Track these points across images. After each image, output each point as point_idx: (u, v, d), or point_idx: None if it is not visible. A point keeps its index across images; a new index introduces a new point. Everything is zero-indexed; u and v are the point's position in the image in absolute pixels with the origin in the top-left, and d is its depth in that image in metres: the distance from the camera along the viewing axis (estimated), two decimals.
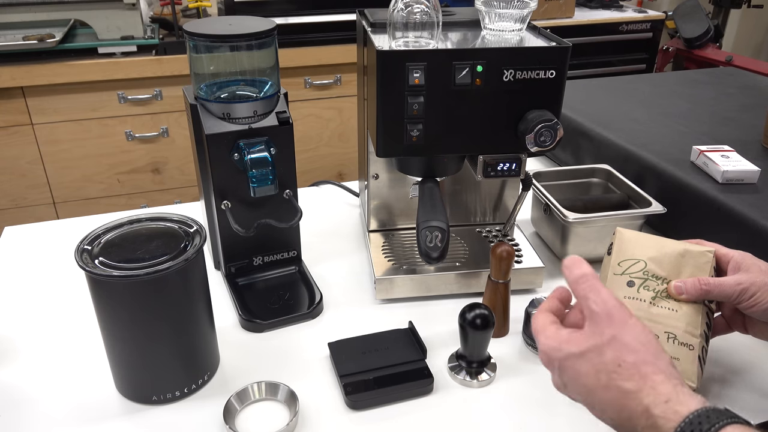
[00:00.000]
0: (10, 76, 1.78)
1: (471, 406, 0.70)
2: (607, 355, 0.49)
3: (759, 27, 3.75)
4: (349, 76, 2.13)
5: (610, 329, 0.50)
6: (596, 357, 0.50)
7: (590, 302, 0.52)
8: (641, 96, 1.37)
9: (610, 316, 0.50)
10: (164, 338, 0.66)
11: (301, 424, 0.67)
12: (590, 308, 0.52)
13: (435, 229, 0.75)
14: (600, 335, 0.50)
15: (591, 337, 0.51)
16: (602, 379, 0.49)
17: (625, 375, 0.48)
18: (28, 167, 1.94)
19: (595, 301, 0.51)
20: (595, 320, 0.51)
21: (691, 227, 0.93)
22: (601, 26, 2.56)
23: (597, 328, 0.51)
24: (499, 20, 0.79)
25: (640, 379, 0.48)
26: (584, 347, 0.50)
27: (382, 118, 0.76)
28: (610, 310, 0.51)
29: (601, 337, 0.50)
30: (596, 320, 0.51)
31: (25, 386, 0.72)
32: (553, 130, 0.75)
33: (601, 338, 0.50)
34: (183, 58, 1.87)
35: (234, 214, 0.81)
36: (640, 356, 0.48)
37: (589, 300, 0.52)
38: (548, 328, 0.54)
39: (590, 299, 0.52)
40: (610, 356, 0.49)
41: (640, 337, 0.50)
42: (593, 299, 0.52)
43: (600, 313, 0.51)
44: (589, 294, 0.52)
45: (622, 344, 0.49)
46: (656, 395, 0.46)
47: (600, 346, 0.50)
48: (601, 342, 0.50)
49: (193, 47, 0.79)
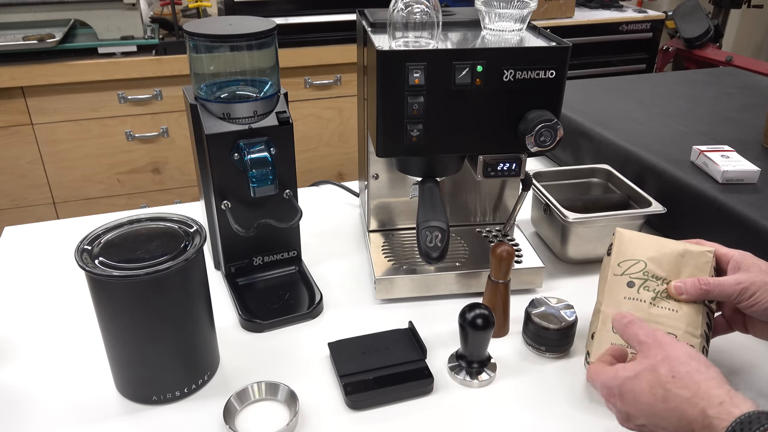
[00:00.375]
0: (10, 76, 1.78)
1: (471, 406, 0.70)
2: (661, 370, 0.53)
3: (759, 27, 3.75)
4: (349, 76, 2.13)
5: (661, 351, 0.55)
6: (650, 374, 0.54)
7: (640, 336, 0.58)
8: (641, 96, 1.37)
9: (659, 342, 0.56)
10: (164, 338, 0.66)
11: (301, 424, 0.67)
12: (640, 341, 0.57)
13: (435, 229, 0.75)
14: (652, 357, 0.55)
15: (643, 360, 0.56)
16: (659, 393, 0.53)
17: (679, 384, 0.52)
18: (28, 167, 1.94)
19: (645, 334, 0.57)
20: (644, 349, 0.57)
21: (691, 227, 0.93)
22: (601, 26, 2.56)
23: (648, 353, 0.56)
24: (499, 20, 0.79)
25: (693, 386, 0.51)
26: (638, 369, 0.55)
27: (382, 118, 0.76)
28: (658, 337, 0.57)
29: (654, 359, 0.55)
30: (646, 348, 0.56)
31: (25, 386, 0.72)
32: (553, 130, 0.75)
33: (653, 359, 0.55)
34: (183, 58, 1.87)
35: (234, 214, 0.81)
36: (692, 366, 0.53)
37: (639, 335, 0.58)
38: (604, 368, 0.59)
39: (639, 335, 0.58)
40: (664, 371, 0.53)
41: (689, 351, 0.55)
42: (642, 333, 0.58)
43: (649, 341, 0.57)
44: (638, 331, 0.58)
45: (674, 359, 0.54)
46: (710, 398, 0.50)
47: (653, 365, 0.54)
48: (654, 362, 0.54)
49: (193, 47, 0.79)
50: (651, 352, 0.56)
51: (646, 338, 0.57)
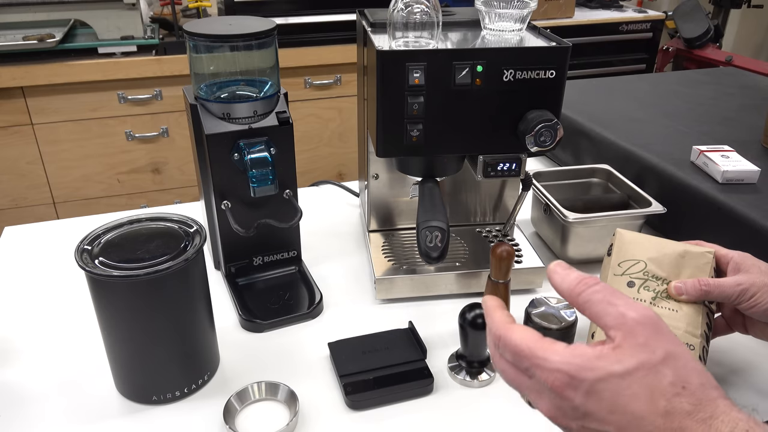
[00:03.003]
0: (10, 76, 1.78)
1: (471, 406, 0.70)
2: (666, 375, 0.39)
3: (759, 27, 3.75)
4: (349, 76, 2.13)
5: (662, 344, 0.40)
6: (650, 377, 0.39)
7: (619, 308, 0.41)
8: (641, 96, 1.37)
9: (657, 328, 0.41)
10: (164, 338, 0.66)
11: (301, 424, 0.67)
12: (623, 314, 0.41)
13: (435, 229, 0.75)
14: (650, 351, 0.40)
15: (637, 352, 0.40)
16: (660, 405, 0.39)
17: (692, 400, 0.39)
18: (28, 167, 1.94)
19: (629, 307, 0.41)
20: (633, 332, 0.41)
21: (691, 227, 0.93)
22: (601, 26, 2.56)
23: (641, 341, 0.40)
24: (499, 20, 0.79)
25: (710, 404, 0.39)
26: (631, 365, 0.40)
27: (382, 118, 0.76)
28: (655, 321, 0.41)
29: (653, 354, 0.40)
30: (636, 332, 0.41)
31: (25, 386, 0.72)
32: (553, 130, 0.75)
33: (652, 354, 0.40)
34: (183, 58, 1.88)
35: (234, 214, 0.81)
36: (704, 377, 0.40)
37: (617, 306, 0.42)
38: (545, 342, 0.43)
39: (618, 305, 0.42)
40: (670, 377, 0.39)
41: (687, 349, 0.42)
42: (622, 304, 0.42)
43: (640, 321, 0.41)
44: (613, 299, 0.42)
45: (682, 363, 0.40)
46: (733, 422, 0.38)
47: (654, 365, 0.39)
48: (654, 359, 0.40)
49: (193, 47, 0.79)
50: (645, 339, 0.40)
51: (633, 313, 0.41)
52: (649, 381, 0.39)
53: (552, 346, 0.42)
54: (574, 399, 0.40)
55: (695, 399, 0.39)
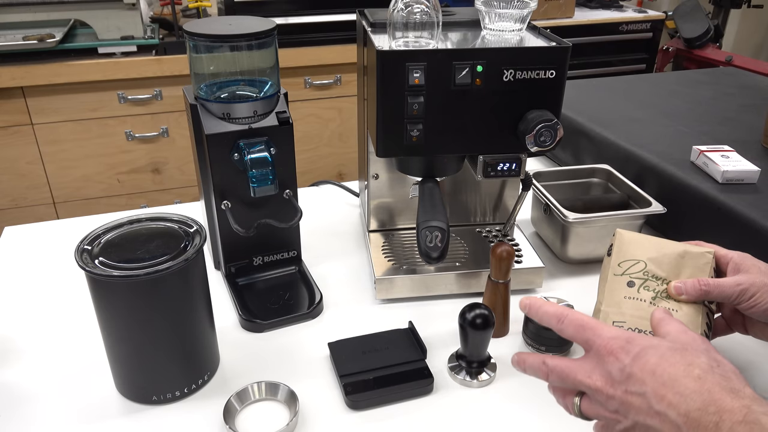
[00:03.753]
0: (10, 76, 1.78)
1: (471, 406, 0.70)
2: (704, 357, 0.48)
3: (759, 27, 3.75)
4: (349, 76, 2.13)
5: (706, 344, 0.50)
6: (690, 355, 0.48)
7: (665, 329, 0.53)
8: (641, 96, 1.37)
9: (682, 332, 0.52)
10: (164, 338, 0.66)
11: (301, 424, 0.67)
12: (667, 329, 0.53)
13: (435, 229, 0.75)
14: (693, 340, 0.50)
15: (684, 338, 0.51)
16: (694, 372, 0.46)
17: (723, 374, 0.46)
18: (28, 167, 1.94)
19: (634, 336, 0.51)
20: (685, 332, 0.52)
21: (691, 227, 0.93)
22: (601, 26, 2.56)
23: (688, 337, 0.51)
24: (499, 20, 0.79)
25: (739, 382, 0.46)
26: (678, 345, 0.49)
27: (382, 118, 0.76)
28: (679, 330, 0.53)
29: (695, 342, 0.50)
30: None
31: (25, 386, 0.72)
32: (553, 130, 0.75)
33: (695, 342, 0.50)
34: (183, 58, 1.87)
35: (234, 214, 0.81)
36: (736, 371, 0.47)
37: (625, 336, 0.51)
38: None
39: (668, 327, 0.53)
40: (707, 359, 0.48)
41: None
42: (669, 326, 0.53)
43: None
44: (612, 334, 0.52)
45: (720, 356, 0.49)
46: (754, 395, 0.45)
47: (696, 348, 0.49)
48: (696, 345, 0.49)
49: (193, 47, 0.79)
50: (690, 337, 0.51)
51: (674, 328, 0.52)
52: (689, 356, 0.48)
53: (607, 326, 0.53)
54: (624, 360, 0.48)
55: (726, 375, 0.46)
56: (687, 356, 0.48)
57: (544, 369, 0.54)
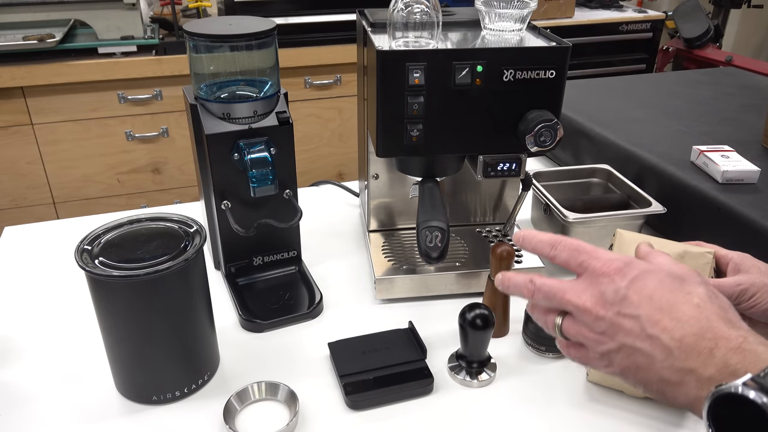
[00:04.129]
0: (10, 76, 1.78)
1: (471, 406, 0.70)
2: (703, 288, 0.47)
3: (759, 27, 3.75)
4: (349, 76, 2.13)
5: (709, 284, 0.49)
6: (691, 285, 0.47)
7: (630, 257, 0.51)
8: (641, 96, 1.37)
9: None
10: (164, 338, 0.66)
11: (301, 424, 0.67)
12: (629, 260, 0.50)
13: (435, 229, 0.75)
14: (696, 275, 0.49)
15: (686, 269, 0.49)
16: (694, 300, 0.46)
17: (722, 306, 0.46)
18: (28, 167, 1.94)
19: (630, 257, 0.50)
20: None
21: (691, 227, 0.93)
22: (601, 26, 2.56)
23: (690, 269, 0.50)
24: (499, 20, 0.79)
25: (735, 315, 0.46)
26: (679, 273, 0.48)
27: (382, 118, 0.76)
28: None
29: (697, 276, 0.49)
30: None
31: (25, 386, 0.72)
32: (553, 130, 0.75)
33: (697, 276, 0.49)
34: (183, 58, 1.87)
35: (234, 214, 0.81)
36: (734, 309, 0.47)
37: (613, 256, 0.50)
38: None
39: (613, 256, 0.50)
40: (706, 290, 0.47)
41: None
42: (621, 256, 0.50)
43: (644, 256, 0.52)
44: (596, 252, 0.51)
45: (705, 282, 0.48)
46: (748, 330, 0.44)
47: (697, 279, 0.48)
48: (696, 278, 0.48)
49: (193, 47, 0.79)
50: (694, 271, 0.49)
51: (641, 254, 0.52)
52: (687, 286, 0.47)
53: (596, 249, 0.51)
54: (620, 282, 0.47)
55: (723, 307, 0.46)
56: (685, 285, 0.47)
57: (531, 287, 0.53)
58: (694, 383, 0.44)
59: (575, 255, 0.51)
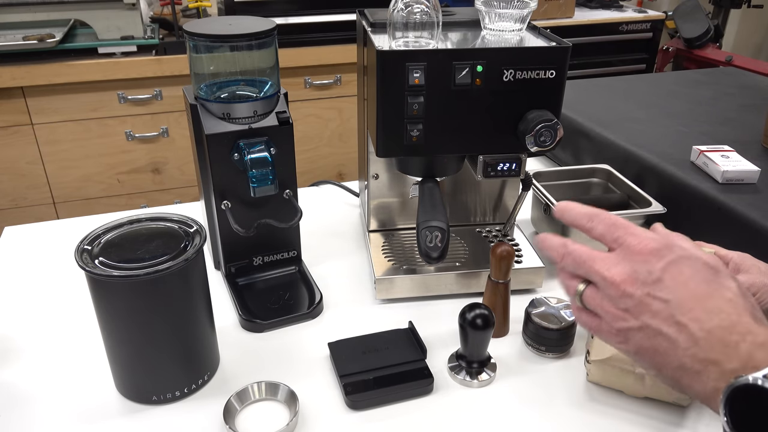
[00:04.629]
0: (10, 76, 1.78)
1: (471, 406, 0.70)
2: (738, 284, 0.47)
3: (759, 27, 3.75)
4: (349, 76, 2.13)
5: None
6: (725, 279, 0.47)
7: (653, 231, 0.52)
8: (641, 96, 1.37)
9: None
10: (164, 338, 0.66)
11: (301, 424, 0.67)
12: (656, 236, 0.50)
13: (435, 229, 0.75)
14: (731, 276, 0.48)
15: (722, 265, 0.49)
16: (727, 295, 0.46)
17: (753, 304, 0.46)
18: (28, 167, 1.94)
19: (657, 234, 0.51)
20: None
21: (691, 227, 0.93)
22: (601, 26, 2.56)
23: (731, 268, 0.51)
24: (499, 20, 0.79)
25: (760, 312, 0.46)
26: (717, 265, 0.48)
27: (382, 118, 0.76)
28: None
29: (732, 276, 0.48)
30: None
31: (25, 386, 0.72)
32: (553, 130, 0.75)
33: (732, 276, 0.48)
34: (183, 58, 1.88)
35: (234, 214, 0.81)
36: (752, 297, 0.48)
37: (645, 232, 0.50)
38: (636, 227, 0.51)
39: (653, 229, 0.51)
40: (738, 287, 0.47)
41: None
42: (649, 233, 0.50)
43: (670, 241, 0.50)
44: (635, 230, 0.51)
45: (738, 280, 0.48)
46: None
47: (733, 275, 0.48)
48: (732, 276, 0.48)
49: (193, 47, 0.79)
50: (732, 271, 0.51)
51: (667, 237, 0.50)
52: (721, 278, 0.47)
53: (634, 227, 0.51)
54: (655, 264, 0.47)
55: (753, 304, 0.46)
56: (719, 278, 0.47)
57: (562, 250, 0.53)
58: (715, 374, 0.44)
59: (612, 229, 0.51)
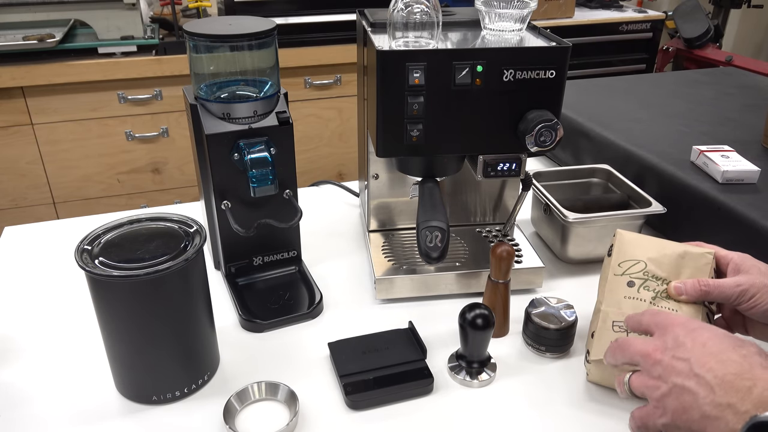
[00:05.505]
0: (10, 76, 1.78)
1: (471, 406, 0.70)
2: (751, 346, 0.52)
3: (759, 27, 3.75)
4: (349, 76, 2.13)
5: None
6: (738, 341, 0.53)
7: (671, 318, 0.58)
8: (641, 96, 1.37)
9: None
10: (164, 338, 0.66)
11: (301, 424, 0.67)
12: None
13: (435, 229, 0.75)
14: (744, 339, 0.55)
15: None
16: (741, 352, 0.52)
17: (760, 353, 0.52)
18: (28, 167, 1.94)
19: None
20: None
21: (691, 227, 0.93)
22: (601, 26, 2.56)
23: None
24: (499, 20, 0.79)
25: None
26: (726, 332, 0.55)
27: (382, 118, 0.76)
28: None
29: (740, 337, 0.55)
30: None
31: (25, 386, 0.72)
32: (553, 130, 0.75)
33: (741, 338, 0.55)
34: (183, 58, 1.87)
35: (234, 214, 0.81)
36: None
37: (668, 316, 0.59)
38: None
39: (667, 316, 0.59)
40: (751, 347, 0.52)
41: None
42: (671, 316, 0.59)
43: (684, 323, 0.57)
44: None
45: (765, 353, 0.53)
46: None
47: (742, 339, 0.54)
48: (738, 337, 0.54)
49: (193, 47, 0.79)
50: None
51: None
52: (738, 341, 0.53)
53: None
54: (680, 333, 0.55)
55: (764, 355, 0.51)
56: (736, 340, 0.53)
57: (613, 345, 0.60)
58: (731, 417, 0.48)
59: (655, 316, 0.59)
